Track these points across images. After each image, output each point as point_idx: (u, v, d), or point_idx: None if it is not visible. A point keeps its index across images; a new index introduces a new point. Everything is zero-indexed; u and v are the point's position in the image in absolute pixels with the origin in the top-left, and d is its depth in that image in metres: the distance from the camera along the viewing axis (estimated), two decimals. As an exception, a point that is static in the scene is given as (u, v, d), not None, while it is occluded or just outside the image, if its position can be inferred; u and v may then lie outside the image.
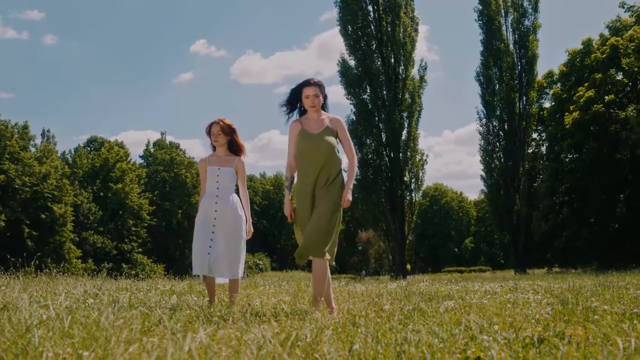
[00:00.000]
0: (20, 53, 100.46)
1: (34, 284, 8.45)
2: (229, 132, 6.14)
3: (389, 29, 35.78)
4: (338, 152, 5.44)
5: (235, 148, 6.22)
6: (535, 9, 38.78)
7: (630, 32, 32.97)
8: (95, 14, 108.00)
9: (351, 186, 5.40)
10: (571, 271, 30.27)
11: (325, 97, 5.56)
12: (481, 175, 39.92)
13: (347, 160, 5.56)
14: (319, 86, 5.47)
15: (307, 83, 5.47)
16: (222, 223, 5.88)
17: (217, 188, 5.98)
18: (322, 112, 5.54)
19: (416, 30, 36.65)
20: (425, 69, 36.83)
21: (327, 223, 5.17)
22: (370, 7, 36.48)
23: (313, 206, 5.29)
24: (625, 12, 35.10)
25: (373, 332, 3.24)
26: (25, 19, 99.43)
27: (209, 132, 6.17)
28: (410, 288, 8.62)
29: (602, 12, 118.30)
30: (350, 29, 36.48)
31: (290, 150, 5.51)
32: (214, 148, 6.22)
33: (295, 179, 5.50)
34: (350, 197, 5.30)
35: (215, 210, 5.90)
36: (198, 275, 5.91)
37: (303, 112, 5.58)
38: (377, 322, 3.83)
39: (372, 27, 36.32)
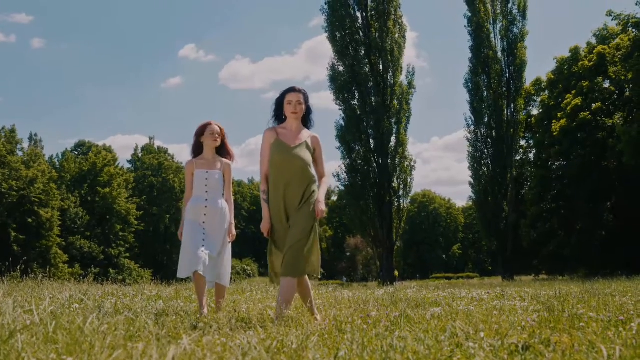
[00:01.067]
0: (8, 56, 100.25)
1: (19, 288, 8.39)
2: (223, 135, 6.10)
3: (377, 36, 35.86)
4: (311, 168, 5.23)
5: (223, 152, 6.15)
6: (524, 16, 38.99)
7: (617, 40, 33.26)
8: (84, 18, 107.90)
9: (324, 198, 5.20)
10: (558, 278, 30.40)
11: (309, 111, 5.39)
12: (469, 182, 40.02)
13: (318, 178, 5.31)
14: (304, 94, 5.29)
15: (291, 89, 5.28)
16: (212, 227, 5.79)
17: (206, 192, 5.89)
18: (302, 126, 5.35)
19: (404, 37, 36.75)
20: (413, 75, 36.94)
21: (307, 241, 5.01)
22: (358, 14, 36.57)
23: (287, 221, 5.11)
24: (612, 20, 35.38)
25: (359, 339, 3.24)
26: (13, 22, 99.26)
27: (202, 133, 6.04)
28: (398, 294, 8.62)
29: (590, 20, 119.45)
30: (338, 35, 36.51)
31: (263, 160, 5.29)
32: (199, 151, 6.11)
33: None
34: (324, 208, 5.12)
35: (205, 214, 5.81)
36: (188, 277, 5.80)
37: (283, 121, 5.35)
38: (364, 329, 3.83)
39: (361, 33, 36.39)
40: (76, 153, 60.01)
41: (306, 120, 5.40)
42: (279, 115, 5.34)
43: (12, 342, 2.81)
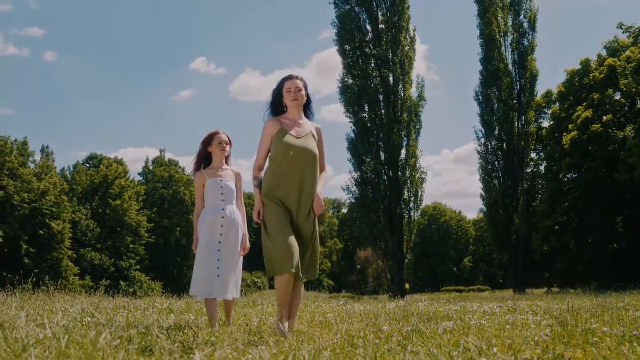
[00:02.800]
0: (21, 69, 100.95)
1: (31, 301, 8.41)
2: (230, 144, 6.06)
3: (388, 49, 35.93)
4: (318, 161, 4.98)
5: (228, 162, 6.10)
6: (534, 29, 39.01)
7: (627, 52, 33.16)
8: (96, 32, 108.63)
9: (321, 192, 4.98)
10: (570, 291, 30.18)
11: (309, 101, 5.10)
12: (481, 195, 39.94)
13: (319, 170, 5.03)
14: (302, 81, 5.00)
15: (288, 77, 5.00)
16: (228, 240, 5.68)
17: (222, 200, 5.78)
18: (304, 116, 5.09)
19: (414, 50, 36.82)
20: (423, 87, 37.06)
21: (317, 247, 4.97)
22: (369, 27, 36.69)
23: (290, 218, 4.82)
24: (623, 33, 35.39)
25: (371, 354, 3.23)
26: (26, 35, 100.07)
27: (209, 142, 5.97)
28: (409, 308, 8.58)
29: (600, 33, 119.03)
30: (348, 48, 36.64)
31: (262, 149, 4.98)
32: (207, 161, 6.05)
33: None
34: (322, 204, 4.91)
35: (222, 226, 5.68)
36: (195, 296, 5.77)
37: (282, 113, 5.07)
38: (376, 344, 3.81)
39: (371, 46, 36.49)
40: (88, 166, 60.22)
41: (306, 111, 5.14)
42: (278, 107, 5.06)
43: (25, 356, 2.81)
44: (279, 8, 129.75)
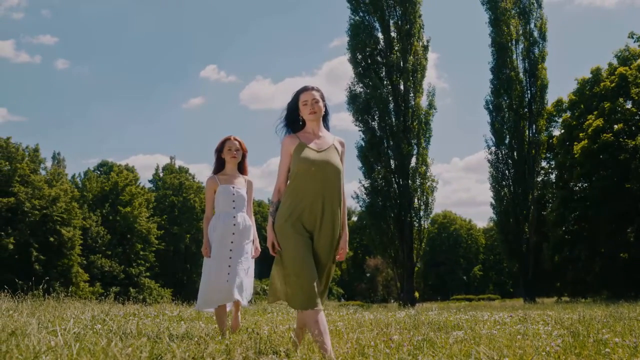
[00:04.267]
0: (33, 77, 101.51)
1: (42, 308, 8.44)
2: (244, 150, 6.04)
3: (399, 57, 35.92)
4: (342, 177, 4.48)
5: (242, 169, 6.07)
6: (544, 38, 38.92)
7: (638, 61, 33.02)
8: (107, 39, 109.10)
9: (347, 234, 4.46)
10: (581, 301, 30.03)
11: (326, 111, 4.63)
12: (491, 203, 39.75)
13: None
14: (319, 92, 4.55)
15: (303, 89, 4.54)
16: (239, 246, 5.66)
17: (234, 207, 5.77)
18: (323, 128, 4.60)
19: (426, 58, 36.78)
20: (434, 95, 36.90)
21: (332, 271, 4.49)
22: (380, 35, 36.69)
23: (310, 244, 4.30)
24: (634, 42, 35.23)
25: (382, 364, 3.22)
26: (38, 43, 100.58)
27: (221, 149, 5.98)
28: (419, 317, 8.56)
29: (611, 41, 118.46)
30: (359, 56, 36.65)
31: (282, 169, 4.50)
32: (221, 167, 6.03)
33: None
34: (346, 248, 4.45)
35: (233, 233, 5.67)
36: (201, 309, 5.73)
37: (299, 128, 4.59)
38: (386, 353, 3.81)
39: (382, 54, 36.50)
40: (98, 172, 60.44)
41: (324, 120, 4.65)
42: (294, 121, 4.61)
43: (38, 364, 2.82)
44: (289, 16, 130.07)
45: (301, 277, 4.15)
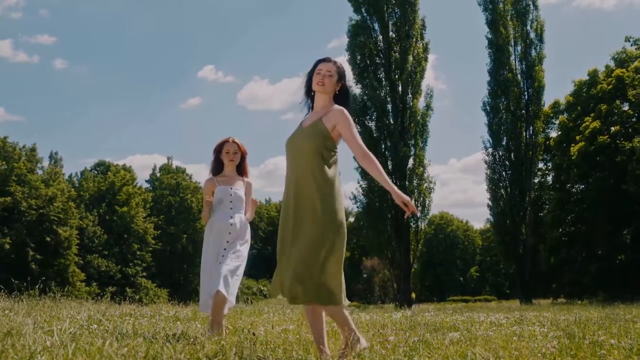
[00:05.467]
0: (31, 76, 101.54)
1: (38, 307, 8.43)
2: (243, 152, 6.00)
3: (398, 58, 35.89)
4: (324, 160, 4.05)
5: (241, 170, 6.04)
6: (541, 40, 38.95)
7: (635, 63, 33.11)
8: (105, 39, 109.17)
9: (393, 186, 4.00)
10: (577, 302, 30.07)
11: (345, 91, 4.28)
12: (488, 204, 39.79)
13: (359, 158, 4.09)
14: (337, 65, 4.24)
15: (324, 59, 4.25)
16: (233, 245, 5.64)
17: (231, 209, 5.75)
18: (333, 103, 4.22)
19: (426, 59, 36.75)
20: (432, 96, 36.90)
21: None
22: (380, 36, 36.66)
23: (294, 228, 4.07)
24: (631, 45, 35.35)
25: (378, 365, 3.22)
26: (36, 43, 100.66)
27: (219, 150, 5.96)
28: (415, 318, 8.57)
29: (608, 43, 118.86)
30: (359, 57, 36.63)
31: None
32: (219, 168, 6.01)
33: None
34: (405, 198, 3.95)
35: (230, 233, 5.65)
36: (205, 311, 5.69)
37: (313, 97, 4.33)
38: (382, 354, 3.81)
39: (382, 55, 36.50)
40: (95, 172, 60.35)
41: (340, 98, 4.27)
42: (308, 91, 4.32)
43: (33, 364, 2.82)
44: (287, 17, 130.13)
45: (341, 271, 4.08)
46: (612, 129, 33.33)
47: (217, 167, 6.03)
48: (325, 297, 3.96)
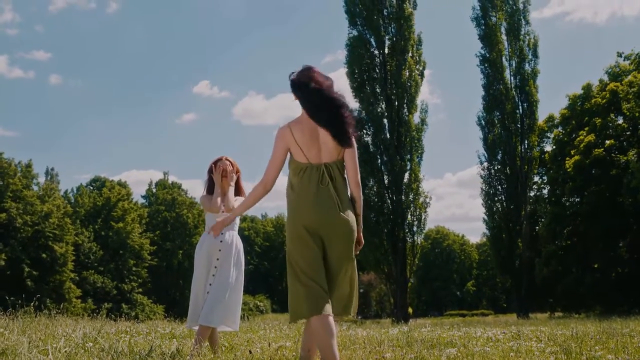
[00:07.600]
0: (26, 92, 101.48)
1: (33, 325, 8.38)
2: (236, 171, 5.88)
3: (394, 73, 36.00)
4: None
5: (237, 189, 5.89)
6: (535, 55, 39.15)
7: (629, 77, 33.23)
8: (100, 55, 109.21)
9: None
10: (574, 316, 30.01)
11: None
12: (483, 219, 39.85)
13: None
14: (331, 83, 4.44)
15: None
16: (222, 268, 5.54)
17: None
18: None
19: (422, 75, 36.82)
20: (426, 111, 36.97)
21: None
22: (376, 51, 36.78)
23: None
24: (623, 60, 35.61)
25: (375, 383, 3.22)
26: (32, 58, 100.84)
27: (211, 170, 5.85)
28: (412, 334, 8.54)
29: (602, 58, 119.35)
30: (356, 71, 36.76)
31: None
32: (213, 187, 5.87)
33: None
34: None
35: (219, 250, 5.58)
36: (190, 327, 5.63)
37: None
38: (379, 372, 3.80)
39: (377, 70, 36.61)
40: (91, 188, 60.20)
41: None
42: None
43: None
44: (282, 32, 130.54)
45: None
46: (607, 142, 33.44)
47: (211, 186, 5.93)
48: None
